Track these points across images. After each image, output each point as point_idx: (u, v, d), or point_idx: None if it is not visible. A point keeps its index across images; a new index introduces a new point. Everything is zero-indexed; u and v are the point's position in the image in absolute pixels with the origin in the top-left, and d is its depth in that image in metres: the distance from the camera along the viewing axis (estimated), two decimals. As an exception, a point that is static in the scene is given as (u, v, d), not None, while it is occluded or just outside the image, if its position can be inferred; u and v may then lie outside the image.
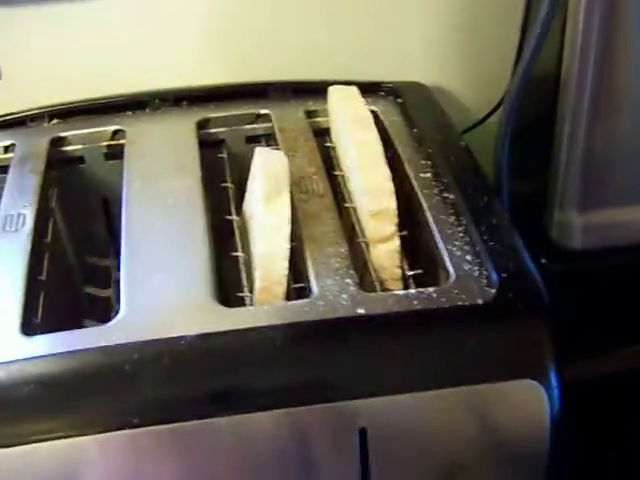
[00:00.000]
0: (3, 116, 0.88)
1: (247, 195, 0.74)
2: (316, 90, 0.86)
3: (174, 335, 0.60)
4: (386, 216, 0.69)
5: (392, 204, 0.69)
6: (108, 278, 0.85)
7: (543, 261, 0.86)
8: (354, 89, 0.82)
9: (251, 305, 0.65)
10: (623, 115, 0.81)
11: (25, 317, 0.64)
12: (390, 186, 0.70)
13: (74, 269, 0.87)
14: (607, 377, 0.86)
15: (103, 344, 0.60)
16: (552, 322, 0.64)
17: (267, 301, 0.64)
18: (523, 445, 0.64)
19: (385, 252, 0.69)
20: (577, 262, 0.86)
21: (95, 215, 0.88)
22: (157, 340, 0.60)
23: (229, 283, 0.69)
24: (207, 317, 0.62)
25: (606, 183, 0.83)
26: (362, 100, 0.80)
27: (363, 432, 0.60)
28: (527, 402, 0.63)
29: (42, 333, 0.63)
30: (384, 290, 0.68)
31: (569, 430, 0.75)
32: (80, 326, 0.76)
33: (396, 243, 0.70)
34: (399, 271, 0.70)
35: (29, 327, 0.63)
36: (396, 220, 0.69)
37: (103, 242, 0.88)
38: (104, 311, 0.79)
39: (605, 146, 0.82)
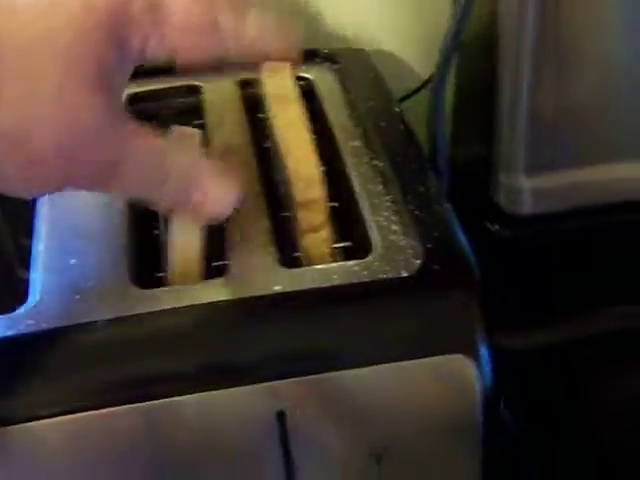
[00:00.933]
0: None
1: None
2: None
3: (84, 321, 0.58)
4: (314, 206, 0.66)
5: (319, 193, 0.66)
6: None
7: (492, 227, 0.83)
8: (284, 65, 0.79)
9: (168, 286, 0.63)
10: (568, 74, 0.78)
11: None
12: (318, 173, 0.67)
13: (10, 253, 0.84)
14: (559, 344, 0.84)
15: (10, 333, 0.58)
16: (481, 293, 0.61)
17: (182, 282, 0.62)
18: (454, 421, 0.62)
19: (315, 241, 0.66)
20: (526, 227, 0.83)
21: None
22: (67, 327, 0.58)
23: (150, 263, 0.67)
24: (121, 300, 0.60)
25: (552, 145, 0.80)
26: (291, 77, 0.77)
27: (281, 415, 0.58)
28: (456, 377, 0.60)
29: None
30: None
31: (516, 400, 0.73)
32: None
33: (325, 233, 0.66)
34: (330, 259, 0.66)
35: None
36: (326, 209, 0.66)
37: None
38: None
39: (549, 106, 0.79)
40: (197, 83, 0.82)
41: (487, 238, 0.77)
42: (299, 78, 0.80)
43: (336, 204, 0.68)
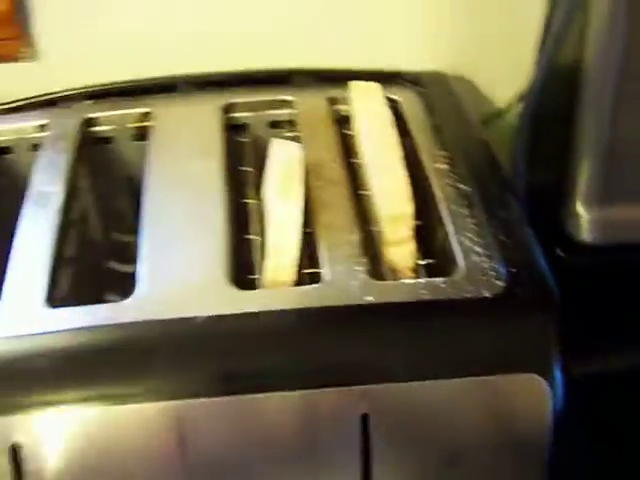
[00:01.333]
0: (39, 96, 0.91)
1: (265, 182, 0.76)
2: (339, 78, 0.87)
3: (187, 315, 0.62)
4: (402, 221, 0.70)
5: (408, 209, 0.70)
6: (131, 254, 0.87)
7: (560, 254, 0.86)
8: (375, 86, 0.83)
9: (262, 288, 0.67)
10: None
11: (50, 290, 0.66)
12: (407, 190, 0.71)
13: (100, 244, 0.89)
14: (620, 373, 0.86)
15: (120, 321, 0.63)
16: (559, 318, 0.64)
17: (276, 286, 0.66)
18: (523, 438, 0.65)
19: (399, 254, 0.70)
20: (598, 256, 0.85)
21: (122, 193, 0.90)
22: (170, 320, 0.62)
23: (245, 265, 0.71)
24: (220, 298, 0.64)
25: (628, 177, 0.83)
26: (382, 98, 0.81)
27: (365, 418, 0.62)
28: (530, 396, 0.64)
29: (65, 306, 0.65)
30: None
31: (581, 424, 0.76)
32: (102, 300, 0.80)
33: (411, 247, 0.70)
34: (412, 273, 0.70)
35: (53, 300, 0.65)
36: (412, 224, 0.70)
37: (129, 219, 0.90)
38: (125, 286, 0.81)
39: (628, 138, 0.81)
40: (289, 97, 0.87)
41: (558, 265, 0.80)
42: (386, 99, 0.84)
43: (421, 222, 0.72)
